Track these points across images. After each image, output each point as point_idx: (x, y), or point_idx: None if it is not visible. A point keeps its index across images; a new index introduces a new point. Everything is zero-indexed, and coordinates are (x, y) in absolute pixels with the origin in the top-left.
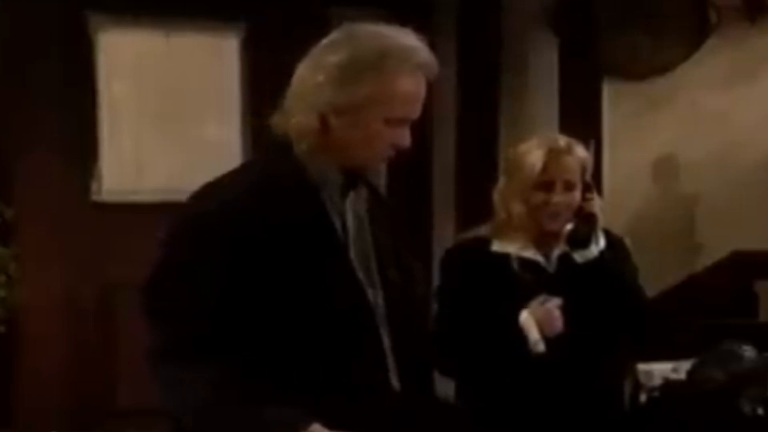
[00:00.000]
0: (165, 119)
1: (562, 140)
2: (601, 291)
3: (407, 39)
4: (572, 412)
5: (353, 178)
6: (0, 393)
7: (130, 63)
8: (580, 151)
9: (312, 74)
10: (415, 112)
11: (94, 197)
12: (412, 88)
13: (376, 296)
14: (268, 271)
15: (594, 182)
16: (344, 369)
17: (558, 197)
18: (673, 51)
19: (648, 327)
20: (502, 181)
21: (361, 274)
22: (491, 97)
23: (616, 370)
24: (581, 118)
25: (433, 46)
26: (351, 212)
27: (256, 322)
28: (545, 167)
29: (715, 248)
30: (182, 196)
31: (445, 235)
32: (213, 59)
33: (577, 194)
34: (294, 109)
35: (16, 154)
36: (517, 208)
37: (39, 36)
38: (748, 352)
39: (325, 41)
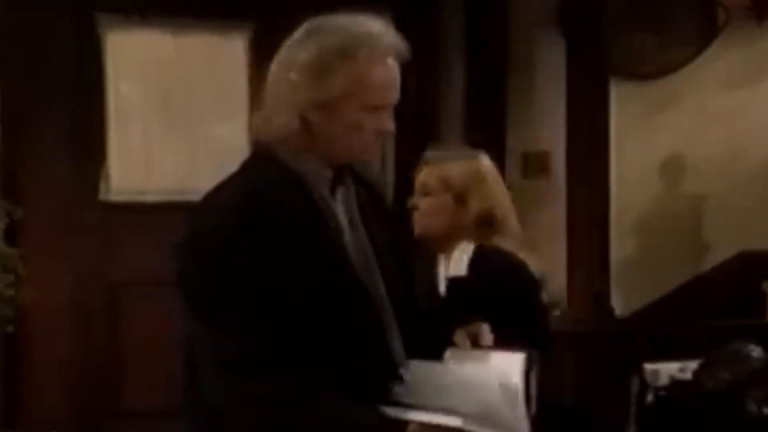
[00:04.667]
0: (172, 119)
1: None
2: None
3: (373, 25)
4: None
5: (340, 174)
6: (7, 392)
7: (137, 63)
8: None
9: (285, 73)
10: (393, 97)
11: (102, 197)
12: (384, 73)
13: (378, 290)
14: (276, 276)
15: (602, 182)
16: (352, 370)
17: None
18: (680, 51)
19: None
20: None
21: (360, 270)
22: (498, 97)
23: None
24: (588, 118)
25: (439, 46)
26: (341, 208)
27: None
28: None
29: (722, 248)
30: (189, 196)
31: None
32: (220, 59)
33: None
34: (272, 110)
35: (24, 154)
36: None
37: (48, 36)
38: (755, 352)
39: (292, 38)
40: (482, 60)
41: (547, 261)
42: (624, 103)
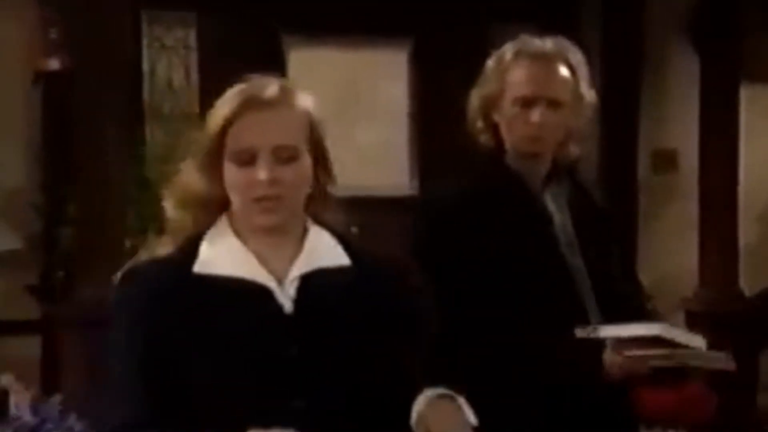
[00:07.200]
0: (344, 126)
1: (272, 88)
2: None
3: (528, 38)
4: None
5: (555, 172)
6: None
7: (314, 76)
8: (303, 102)
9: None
10: (534, 90)
11: None
12: (522, 70)
13: (575, 262)
14: (483, 244)
15: (732, 176)
16: (541, 316)
17: (264, 173)
18: None
19: None
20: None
21: (562, 244)
22: (632, 98)
23: None
24: (720, 119)
25: (580, 52)
26: (550, 197)
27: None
28: (241, 131)
29: None
30: (356, 192)
31: None
32: (384, 72)
33: (303, 163)
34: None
35: None
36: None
37: (239, 53)
38: None
39: None
40: (618, 65)
41: (679, 248)
42: (753, 103)
